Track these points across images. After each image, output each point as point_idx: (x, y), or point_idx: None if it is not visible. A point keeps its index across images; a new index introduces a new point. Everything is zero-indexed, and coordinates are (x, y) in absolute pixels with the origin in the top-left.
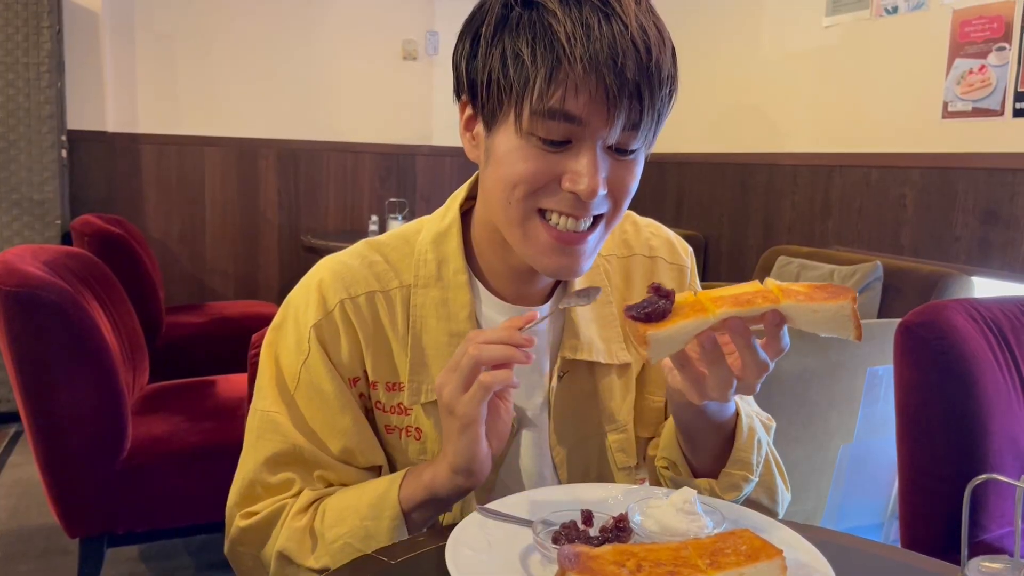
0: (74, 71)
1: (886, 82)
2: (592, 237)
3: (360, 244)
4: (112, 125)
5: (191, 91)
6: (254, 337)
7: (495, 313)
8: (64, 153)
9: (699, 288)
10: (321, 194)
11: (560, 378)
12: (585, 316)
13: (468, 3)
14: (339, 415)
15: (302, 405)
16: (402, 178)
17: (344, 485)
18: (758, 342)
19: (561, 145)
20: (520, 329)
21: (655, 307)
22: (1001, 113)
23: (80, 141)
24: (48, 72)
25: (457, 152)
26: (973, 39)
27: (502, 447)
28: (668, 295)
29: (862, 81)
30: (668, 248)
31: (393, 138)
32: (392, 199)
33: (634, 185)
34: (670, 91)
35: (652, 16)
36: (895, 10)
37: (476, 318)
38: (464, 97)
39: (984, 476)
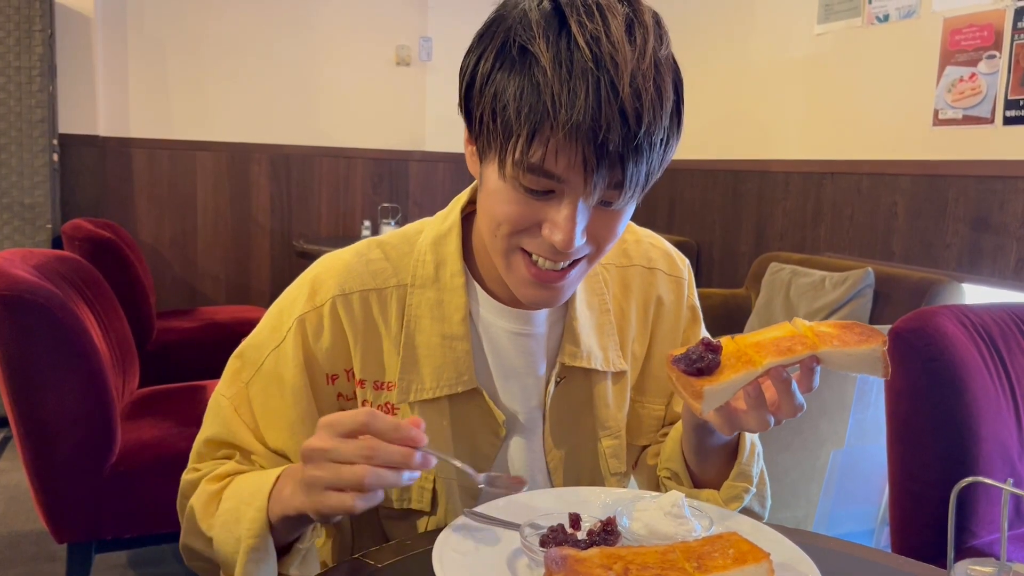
0: (66, 75)
1: (877, 90)
2: (572, 274)
3: (363, 242)
4: (104, 129)
5: (183, 95)
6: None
7: (493, 316)
8: (55, 157)
9: (696, 302)
10: (313, 199)
11: (557, 383)
12: (585, 323)
13: (461, 10)
14: (290, 408)
15: (254, 392)
16: (395, 183)
17: None
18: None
19: (544, 194)
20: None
21: (708, 362)
22: (991, 121)
23: (72, 145)
24: (40, 76)
25: (450, 158)
26: (964, 47)
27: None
28: (717, 349)
29: (853, 88)
30: (667, 260)
31: (386, 143)
32: (385, 204)
33: (619, 231)
34: (665, 148)
35: (655, 71)
36: (886, 18)
37: (472, 320)
38: (463, 113)
39: (969, 479)
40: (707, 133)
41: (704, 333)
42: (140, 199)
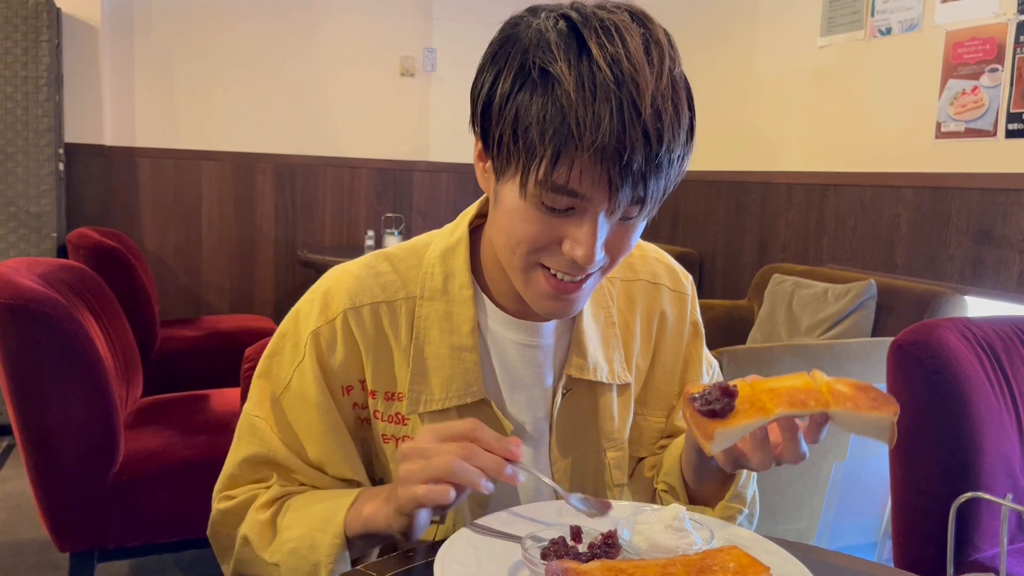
0: (72, 85)
1: (880, 102)
2: (587, 284)
3: (371, 255)
4: (110, 139)
5: (189, 106)
6: (247, 351)
7: (500, 327)
8: (61, 166)
9: (699, 318)
10: (318, 209)
11: (564, 395)
12: (591, 336)
13: (465, 22)
14: (318, 422)
15: (287, 408)
16: (399, 194)
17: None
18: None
19: (564, 212)
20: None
21: (723, 406)
22: (994, 134)
23: (77, 154)
24: (46, 86)
25: (454, 168)
26: (966, 60)
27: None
28: (733, 394)
29: (856, 101)
30: (671, 276)
31: (390, 154)
32: (389, 214)
33: (633, 243)
34: (682, 164)
35: (672, 90)
36: (889, 31)
37: (480, 332)
38: (478, 131)
39: (969, 494)
40: (710, 144)
41: (705, 349)
42: (145, 208)
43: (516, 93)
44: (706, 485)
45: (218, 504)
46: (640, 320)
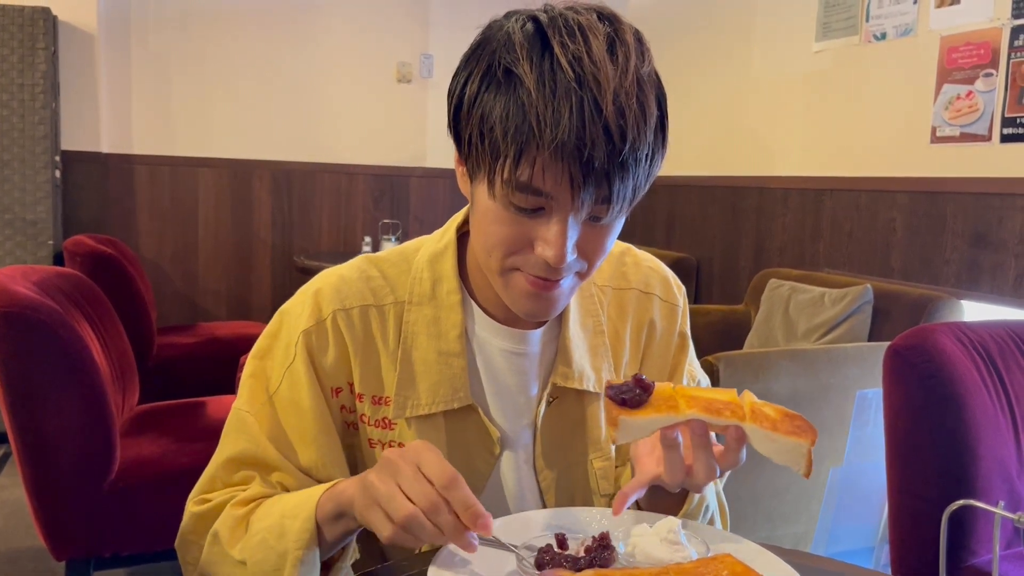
0: (69, 92)
1: (875, 107)
2: (565, 282)
3: (360, 259)
4: (106, 146)
5: (185, 112)
6: (243, 359)
7: (488, 334)
8: (57, 173)
9: (688, 329)
10: (315, 215)
11: (549, 403)
12: (579, 344)
13: (462, 27)
14: (311, 425)
15: (279, 408)
16: (396, 199)
17: None
18: (718, 449)
19: (533, 212)
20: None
21: (633, 395)
22: (988, 138)
23: (74, 162)
24: (43, 93)
25: (450, 174)
26: (961, 65)
27: None
28: (648, 388)
29: (852, 106)
30: (664, 286)
31: (387, 160)
32: (386, 220)
33: (608, 246)
34: (651, 164)
35: (638, 87)
36: (884, 36)
37: (468, 337)
38: (452, 134)
39: (961, 502)
40: (706, 149)
41: (693, 361)
42: (142, 215)
43: (483, 94)
44: (658, 506)
45: (192, 507)
46: (630, 329)
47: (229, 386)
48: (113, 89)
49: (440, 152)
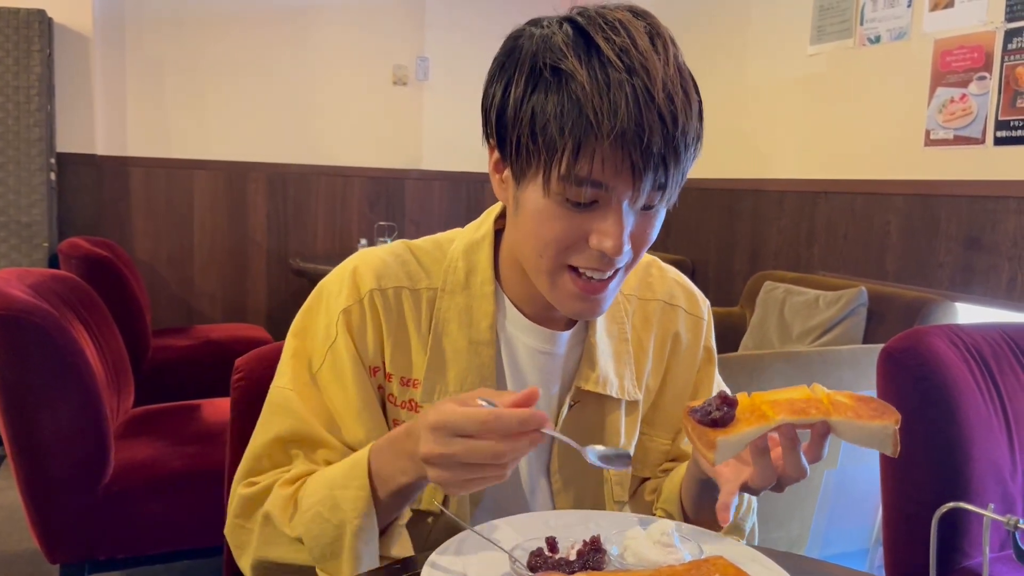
0: (64, 94)
1: (870, 110)
2: (613, 283)
3: (398, 243)
4: (101, 148)
5: (181, 115)
6: (238, 362)
7: (517, 330)
8: (52, 176)
9: (713, 343)
10: (310, 218)
11: (571, 406)
12: (604, 349)
13: (458, 30)
14: (355, 401)
15: (324, 386)
16: (391, 202)
17: None
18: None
19: (588, 206)
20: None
21: (723, 415)
22: (982, 141)
23: (69, 164)
24: (38, 95)
25: (446, 176)
26: (954, 68)
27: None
28: (733, 403)
29: (846, 109)
30: (689, 299)
31: (383, 162)
32: (381, 223)
33: (654, 235)
34: (696, 148)
35: (680, 76)
36: (878, 39)
37: (496, 330)
38: (492, 142)
39: (950, 504)
40: (703, 152)
41: (717, 375)
42: (137, 217)
43: (531, 95)
44: (704, 517)
45: (241, 490)
46: (654, 340)
47: (224, 389)
48: (108, 91)
49: (436, 155)
